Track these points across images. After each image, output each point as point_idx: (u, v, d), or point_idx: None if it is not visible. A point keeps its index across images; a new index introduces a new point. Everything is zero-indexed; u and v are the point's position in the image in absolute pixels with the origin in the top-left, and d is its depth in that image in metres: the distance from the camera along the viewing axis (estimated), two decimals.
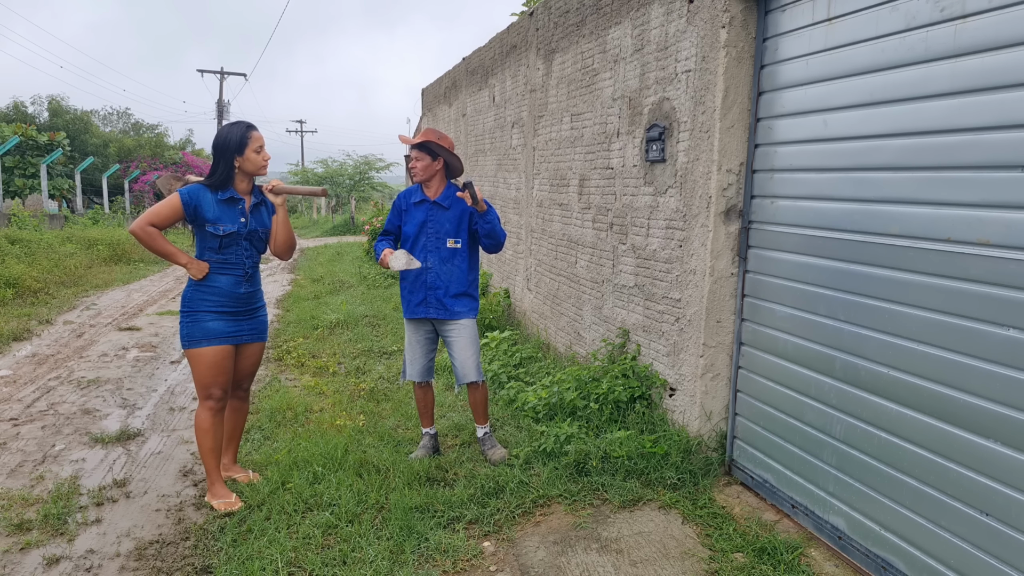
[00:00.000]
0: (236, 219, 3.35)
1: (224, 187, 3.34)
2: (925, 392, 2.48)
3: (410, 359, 4.05)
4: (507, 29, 7.26)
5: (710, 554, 2.98)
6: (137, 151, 27.18)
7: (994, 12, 2.22)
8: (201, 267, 3.29)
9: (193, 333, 3.31)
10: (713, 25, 3.47)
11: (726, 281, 3.58)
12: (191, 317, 3.33)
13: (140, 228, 3.22)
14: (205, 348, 3.31)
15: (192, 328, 3.32)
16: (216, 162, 3.32)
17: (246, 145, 3.31)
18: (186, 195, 3.27)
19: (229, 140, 3.29)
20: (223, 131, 3.34)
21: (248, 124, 3.37)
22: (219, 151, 3.30)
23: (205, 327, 3.32)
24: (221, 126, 3.27)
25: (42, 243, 11.99)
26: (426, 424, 4.10)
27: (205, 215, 3.27)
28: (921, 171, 2.51)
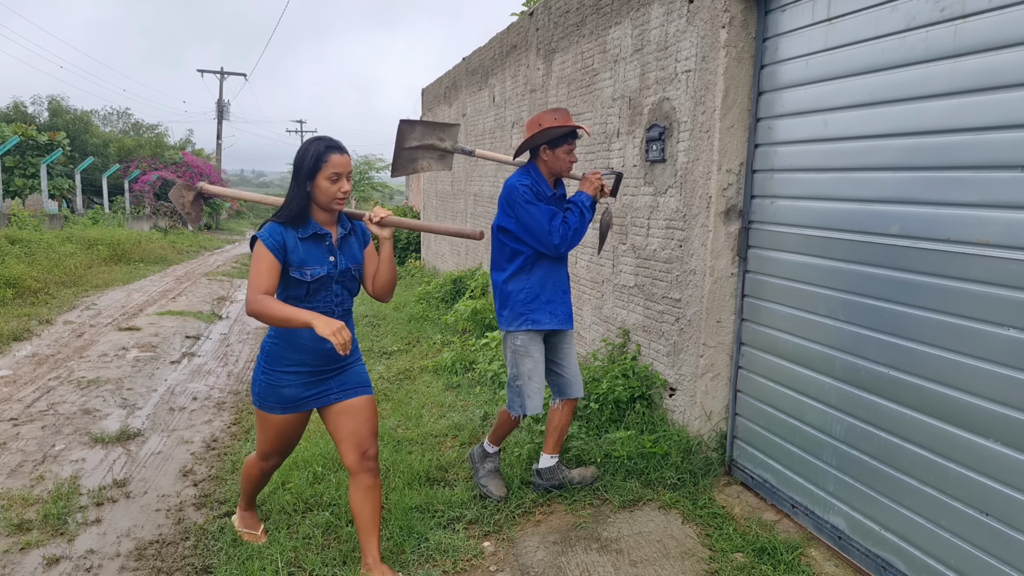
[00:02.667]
0: (324, 259, 2.66)
1: (302, 221, 2.63)
2: (925, 392, 2.48)
3: (538, 387, 3.36)
4: (507, 29, 7.26)
5: (710, 554, 2.98)
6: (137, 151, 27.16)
7: (994, 12, 2.22)
8: (331, 323, 2.38)
9: (265, 396, 2.74)
10: (713, 25, 3.47)
11: (726, 281, 3.58)
12: (269, 376, 2.72)
13: (253, 304, 2.48)
14: (275, 416, 2.77)
15: (265, 390, 2.74)
16: (291, 187, 2.65)
17: (319, 170, 2.57)
18: (268, 238, 2.58)
19: (302, 161, 2.59)
20: (301, 148, 2.65)
21: (330, 143, 2.62)
22: (295, 173, 2.62)
23: (280, 393, 2.72)
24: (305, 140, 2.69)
25: (42, 243, 11.98)
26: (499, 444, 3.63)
27: (290, 259, 2.60)
28: (921, 171, 2.51)
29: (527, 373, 3.32)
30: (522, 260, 3.29)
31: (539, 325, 3.30)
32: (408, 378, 5.66)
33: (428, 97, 11.88)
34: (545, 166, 3.30)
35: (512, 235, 3.29)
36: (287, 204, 2.65)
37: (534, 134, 3.23)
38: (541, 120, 3.24)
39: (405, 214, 14.24)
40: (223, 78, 35.77)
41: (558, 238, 3.18)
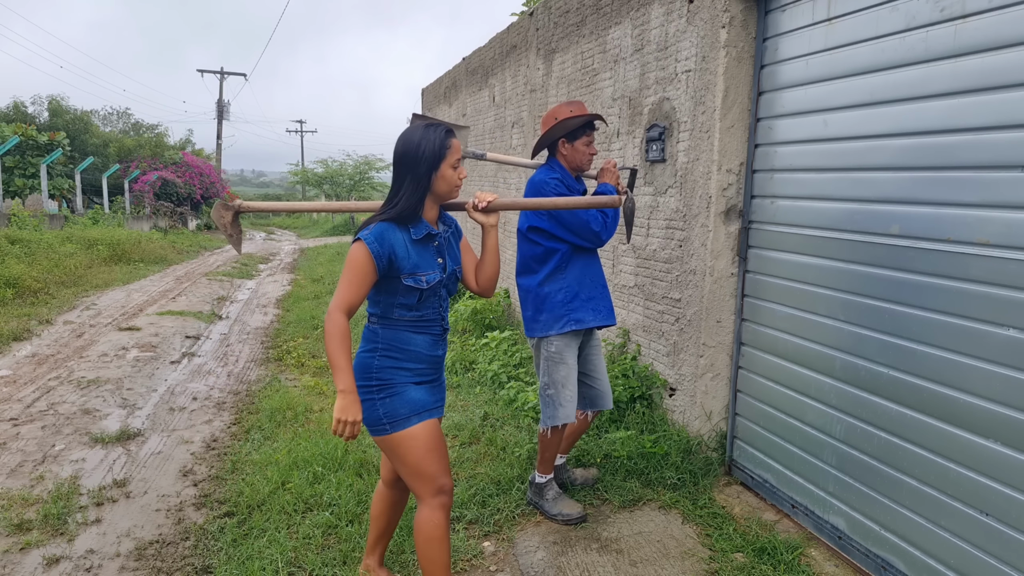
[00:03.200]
0: (434, 262, 2.36)
1: (414, 220, 2.33)
2: (925, 392, 2.48)
3: (571, 395, 3.21)
4: (507, 29, 7.26)
5: (710, 554, 2.98)
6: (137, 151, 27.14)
7: (994, 12, 2.22)
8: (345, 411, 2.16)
9: (396, 410, 2.32)
10: (713, 25, 3.47)
11: (726, 281, 3.58)
12: (387, 392, 2.33)
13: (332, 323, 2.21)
14: (417, 427, 2.34)
15: (393, 404, 2.32)
16: (401, 180, 2.31)
17: (443, 157, 2.30)
18: (374, 243, 2.24)
19: (423, 148, 2.27)
20: (413, 136, 2.30)
21: (446, 126, 2.38)
22: (408, 164, 2.29)
23: (410, 399, 2.35)
24: (406, 128, 2.39)
25: (42, 243, 11.98)
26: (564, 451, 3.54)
27: (401, 265, 2.28)
28: (921, 171, 2.51)
29: (560, 381, 3.18)
30: (558, 259, 3.17)
31: (583, 324, 3.17)
32: None
33: (428, 97, 11.88)
34: (565, 160, 3.20)
35: (546, 233, 3.15)
36: (400, 200, 2.30)
37: (551, 128, 3.14)
38: (557, 113, 3.17)
39: None
40: (223, 78, 35.78)
41: (598, 226, 3.07)
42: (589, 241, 3.13)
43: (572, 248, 3.16)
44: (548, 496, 3.31)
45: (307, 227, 33.50)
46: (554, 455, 3.32)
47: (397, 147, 2.31)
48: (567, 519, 3.23)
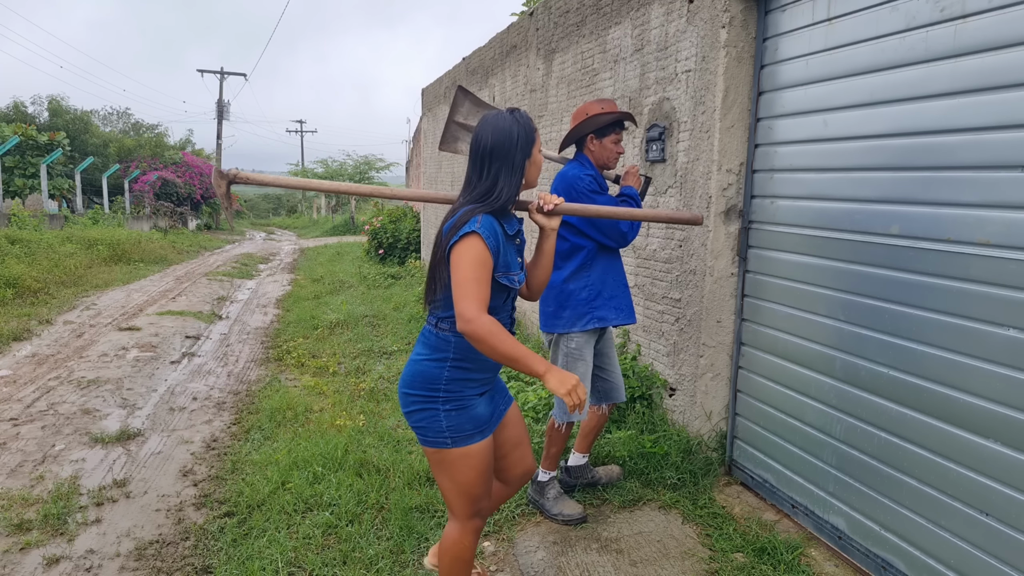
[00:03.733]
0: (517, 261, 2.24)
1: (507, 214, 2.20)
2: (925, 392, 2.48)
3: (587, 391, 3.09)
4: (507, 29, 7.26)
5: (710, 554, 2.98)
6: (137, 151, 27.15)
7: (994, 12, 2.23)
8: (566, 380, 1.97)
9: (462, 426, 2.19)
10: (713, 25, 3.47)
11: (726, 281, 3.58)
12: (453, 404, 2.19)
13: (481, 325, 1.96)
14: (477, 445, 2.22)
15: (459, 419, 2.19)
16: (496, 171, 2.15)
17: (533, 143, 2.19)
18: (490, 237, 2.06)
19: (515, 135, 2.14)
20: (502, 124, 2.16)
21: (526, 113, 2.24)
22: (503, 153, 2.14)
23: (475, 415, 2.22)
24: (486, 117, 2.19)
25: (42, 243, 11.99)
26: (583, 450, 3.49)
27: (498, 262, 2.11)
28: (921, 171, 2.51)
29: (580, 377, 3.15)
30: (583, 255, 3.16)
31: (606, 322, 3.18)
32: None
33: (428, 97, 11.88)
34: (592, 156, 3.20)
35: (575, 229, 3.14)
36: (502, 192, 2.14)
37: (581, 123, 3.13)
38: (588, 109, 3.16)
39: (405, 215, 14.24)
40: (223, 78, 35.78)
41: (626, 227, 3.08)
42: (615, 241, 3.14)
43: (597, 246, 3.17)
44: (549, 495, 3.31)
45: (307, 227, 33.51)
46: (560, 451, 3.33)
47: (485, 137, 2.15)
48: (567, 519, 3.23)
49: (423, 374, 2.20)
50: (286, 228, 34.20)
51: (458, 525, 2.30)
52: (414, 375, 2.22)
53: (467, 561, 2.32)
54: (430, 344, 2.22)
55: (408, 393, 2.23)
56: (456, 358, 2.18)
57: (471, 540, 2.30)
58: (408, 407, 2.24)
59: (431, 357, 2.20)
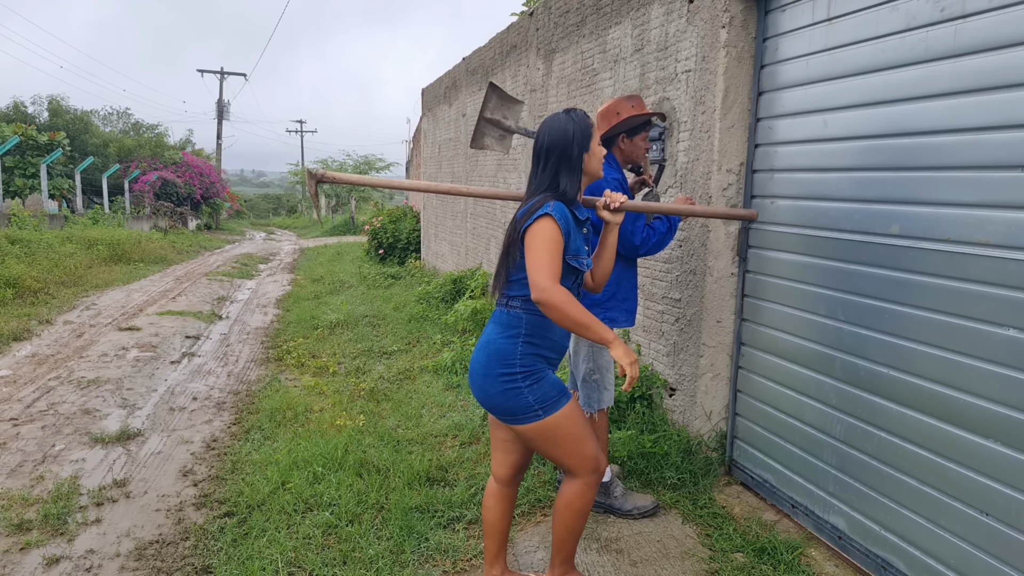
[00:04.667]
0: (584, 247, 2.42)
1: (574, 202, 2.39)
2: (925, 392, 2.48)
3: (612, 379, 3.27)
4: (507, 29, 7.26)
5: (710, 554, 2.98)
6: (137, 151, 27.14)
7: (994, 12, 2.22)
8: (629, 352, 2.22)
9: (547, 393, 2.31)
10: (713, 25, 3.47)
11: (726, 281, 3.58)
12: (532, 378, 2.31)
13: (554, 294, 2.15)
14: (569, 405, 2.35)
15: (542, 388, 2.31)
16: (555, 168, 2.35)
17: (591, 136, 2.38)
18: (561, 218, 2.25)
19: (571, 132, 2.34)
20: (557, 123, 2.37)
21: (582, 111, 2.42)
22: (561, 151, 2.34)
23: (554, 380, 2.37)
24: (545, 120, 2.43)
25: (42, 243, 11.99)
26: None
27: (569, 244, 2.30)
28: (921, 171, 2.51)
29: (605, 366, 3.19)
30: None
31: (615, 324, 3.21)
32: (408, 378, 5.66)
33: (428, 97, 11.88)
34: (621, 155, 3.24)
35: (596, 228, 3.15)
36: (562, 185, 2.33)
37: (616, 124, 3.15)
38: (619, 109, 3.17)
39: (405, 215, 14.24)
40: (223, 78, 35.79)
41: (639, 239, 3.11)
42: (626, 251, 3.16)
43: None
44: (616, 494, 3.28)
45: (307, 227, 33.51)
46: (607, 441, 3.31)
47: (542, 137, 2.37)
48: (644, 512, 3.24)
49: (498, 352, 2.34)
50: (286, 228, 34.19)
51: (580, 482, 2.40)
52: (489, 356, 2.35)
53: (587, 514, 2.45)
54: (502, 322, 2.38)
55: (488, 375, 2.34)
56: (527, 334, 2.33)
57: (592, 494, 2.43)
58: (490, 389, 2.34)
59: (504, 334, 2.35)
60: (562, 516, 2.45)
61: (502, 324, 2.37)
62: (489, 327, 2.42)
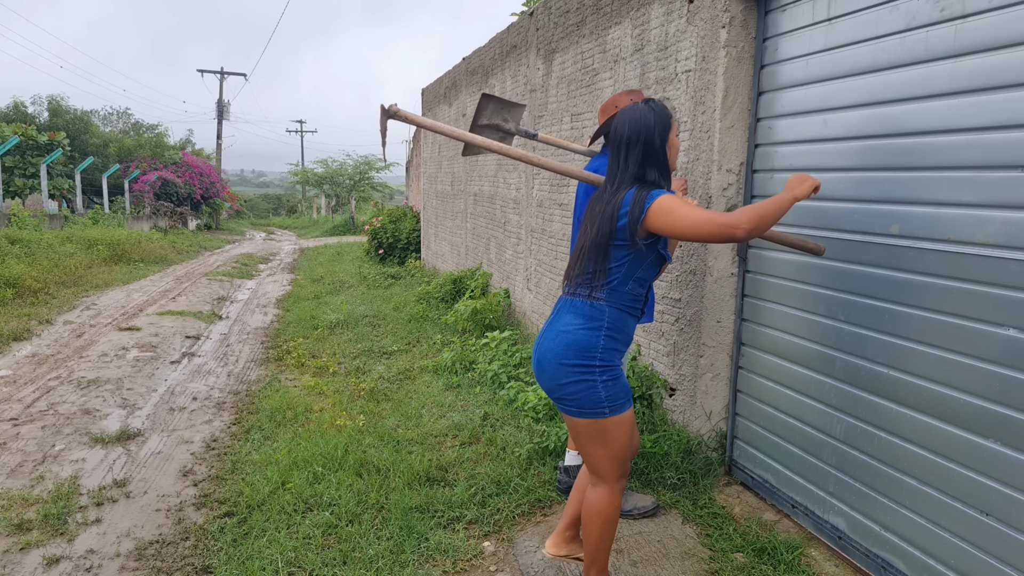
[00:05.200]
0: None
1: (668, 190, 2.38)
2: (925, 392, 2.48)
3: None
4: (507, 29, 7.26)
5: (710, 554, 2.98)
6: (137, 151, 27.14)
7: (994, 12, 2.22)
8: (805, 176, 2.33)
9: (617, 394, 2.35)
10: (713, 25, 3.47)
11: (726, 281, 3.58)
12: (609, 374, 2.34)
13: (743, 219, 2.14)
14: (629, 411, 2.40)
15: (615, 388, 2.35)
16: (640, 159, 2.34)
17: (670, 126, 2.39)
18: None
19: (650, 122, 2.34)
20: (637, 114, 2.37)
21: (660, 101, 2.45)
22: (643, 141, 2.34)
23: (625, 384, 2.40)
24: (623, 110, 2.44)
25: (42, 243, 11.99)
26: None
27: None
28: (921, 171, 2.51)
29: None
30: None
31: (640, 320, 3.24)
32: (408, 378, 5.66)
33: (428, 97, 11.88)
34: None
35: None
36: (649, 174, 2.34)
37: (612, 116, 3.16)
38: (617, 102, 3.16)
39: (405, 215, 14.24)
40: (223, 78, 35.79)
41: None
42: None
43: None
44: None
45: (307, 227, 33.51)
46: None
47: (622, 128, 2.37)
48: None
49: (579, 343, 2.32)
50: (286, 228, 34.19)
51: (607, 488, 2.42)
52: (569, 345, 2.33)
53: (616, 521, 2.46)
54: (584, 314, 2.35)
55: (564, 364, 2.33)
56: (609, 327, 2.33)
57: (620, 500, 2.45)
58: (563, 379, 2.34)
59: (586, 326, 2.33)
60: (594, 525, 2.44)
61: (583, 315, 2.35)
62: (566, 316, 2.39)
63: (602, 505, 2.42)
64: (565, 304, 2.43)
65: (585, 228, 2.40)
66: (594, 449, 2.40)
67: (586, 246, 2.37)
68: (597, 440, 2.38)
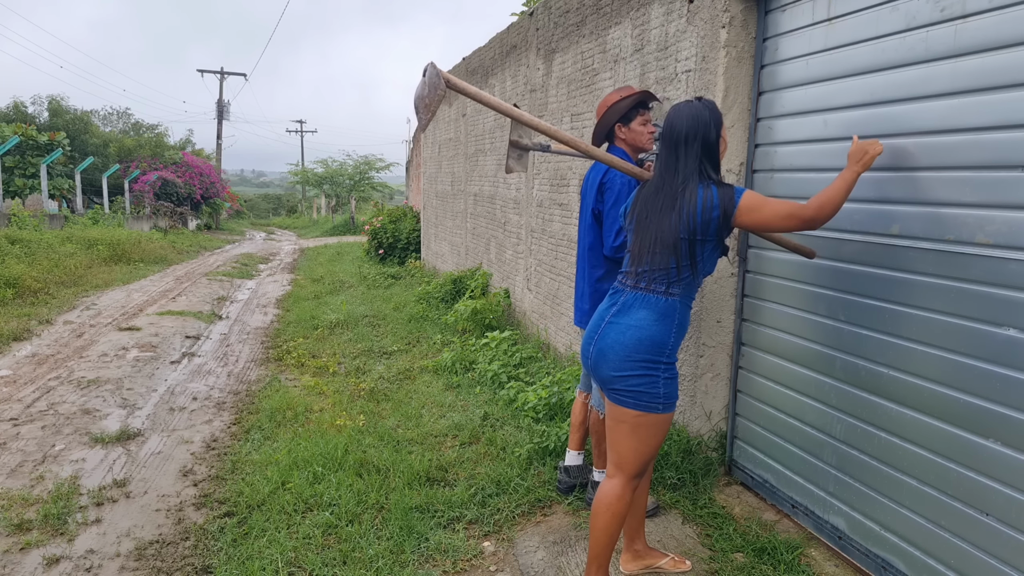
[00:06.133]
0: None
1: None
2: (925, 392, 2.48)
3: None
4: (507, 29, 7.26)
5: (710, 554, 2.98)
6: (137, 151, 27.14)
7: (994, 12, 2.22)
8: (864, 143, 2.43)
9: (673, 392, 2.41)
10: (713, 25, 3.47)
11: (726, 281, 3.58)
12: (670, 372, 2.40)
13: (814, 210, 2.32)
14: (673, 412, 2.48)
15: (673, 386, 2.41)
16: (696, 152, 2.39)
17: (721, 124, 2.45)
18: None
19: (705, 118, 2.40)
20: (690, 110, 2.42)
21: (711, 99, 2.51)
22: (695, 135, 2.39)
23: (678, 384, 2.47)
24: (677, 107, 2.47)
25: (42, 243, 11.99)
26: None
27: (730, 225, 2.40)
28: (921, 171, 2.51)
29: None
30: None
31: None
32: (408, 378, 5.66)
33: None
34: (625, 144, 3.21)
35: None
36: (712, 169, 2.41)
37: (604, 115, 3.17)
38: (607, 101, 3.19)
39: (405, 214, 14.24)
40: (223, 78, 35.78)
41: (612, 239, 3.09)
42: (605, 247, 3.15)
43: None
44: None
45: (307, 227, 33.51)
46: None
47: (680, 124, 2.40)
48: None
49: (652, 339, 2.36)
50: (286, 228, 34.19)
51: (622, 482, 2.45)
52: (641, 340, 2.36)
53: (624, 517, 2.49)
54: (659, 310, 2.38)
55: (633, 359, 2.36)
56: (679, 323, 2.39)
57: (631, 496, 2.49)
58: (628, 371, 2.37)
59: (659, 322, 2.37)
60: (604, 519, 2.46)
61: (657, 311, 2.37)
62: (639, 312, 2.39)
63: (613, 497, 2.45)
64: (636, 299, 2.42)
65: (648, 224, 2.41)
66: (631, 443, 2.42)
67: (658, 242, 2.37)
68: (638, 434, 2.41)
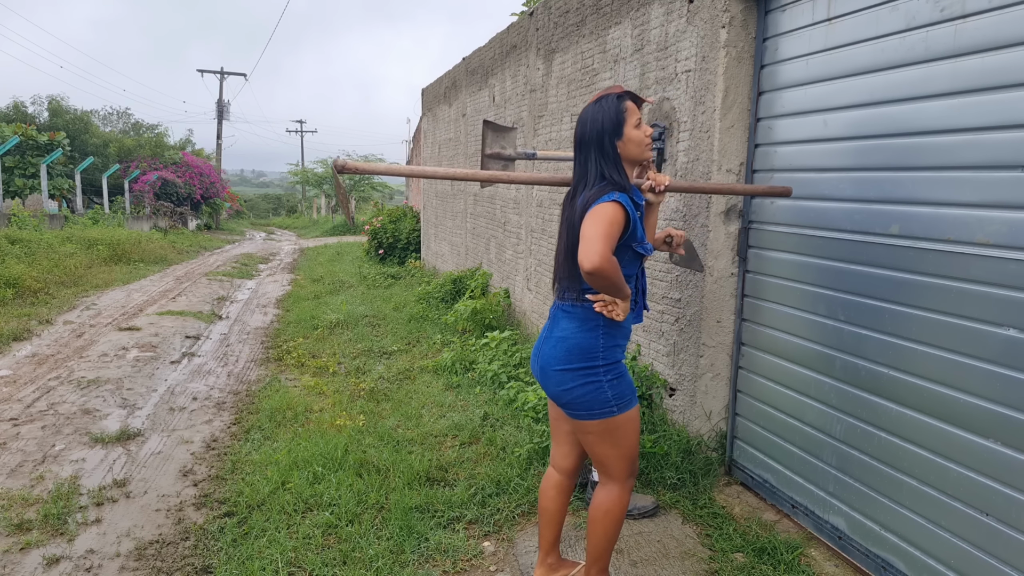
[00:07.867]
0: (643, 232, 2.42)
1: (630, 189, 2.36)
2: (925, 392, 2.49)
3: None
4: (507, 29, 7.26)
5: (710, 554, 2.98)
6: (137, 151, 27.12)
7: (994, 12, 2.23)
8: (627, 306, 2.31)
9: (623, 391, 2.37)
10: (713, 25, 3.47)
11: (726, 281, 3.58)
12: (613, 372, 2.35)
13: (606, 261, 2.10)
14: (636, 407, 2.41)
15: (621, 386, 2.36)
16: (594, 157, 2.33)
17: (623, 122, 2.32)
18: (629, 206, 2.24)
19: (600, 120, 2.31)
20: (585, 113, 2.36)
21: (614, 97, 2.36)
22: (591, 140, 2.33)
23: (629, 380, 2.42)
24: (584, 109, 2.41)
25: (42, 243, 11.98)
26: None
27: (635, 230, 2.31)
28: (921, 171, 2.51)
29: None
30: None
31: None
32: (408, 378, 5.66)
33: (428, 97, 11.88)
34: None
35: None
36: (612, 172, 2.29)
37: None
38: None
39: (405, 215, 14.24)
40: (223, 78, 35.77)
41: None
42: None
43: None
44: None
45: (307, 227, 33.51)
46: None
47: (578, 129, 2.36)
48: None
49: (579, 346, 2.33)
50: (286, 228, 34.18)
51: (617, 487, 2.43)
52: (570, 350, 2.33)
53: (622, 521, 2.47)
54: (577, 317, 2.35)
55: (567, 370, 2.33)
56: (605, 324, 2.33)
57: (628, 499, 2.46)
58: (568, 384, 2.34)
59: (582, 328, 2.34)
60: (602, 524, 2.44)
61: (578, 318, 2.35)
62: (562, 322, 2.38)
63: (611, 503, 2.42)
64: (558, 310, 2.43)
65: (560, 232, 2.41)
66: (605, 450, 2.40)
67: (561, 250, 2.38)
68: (608, 440, 2.38)
